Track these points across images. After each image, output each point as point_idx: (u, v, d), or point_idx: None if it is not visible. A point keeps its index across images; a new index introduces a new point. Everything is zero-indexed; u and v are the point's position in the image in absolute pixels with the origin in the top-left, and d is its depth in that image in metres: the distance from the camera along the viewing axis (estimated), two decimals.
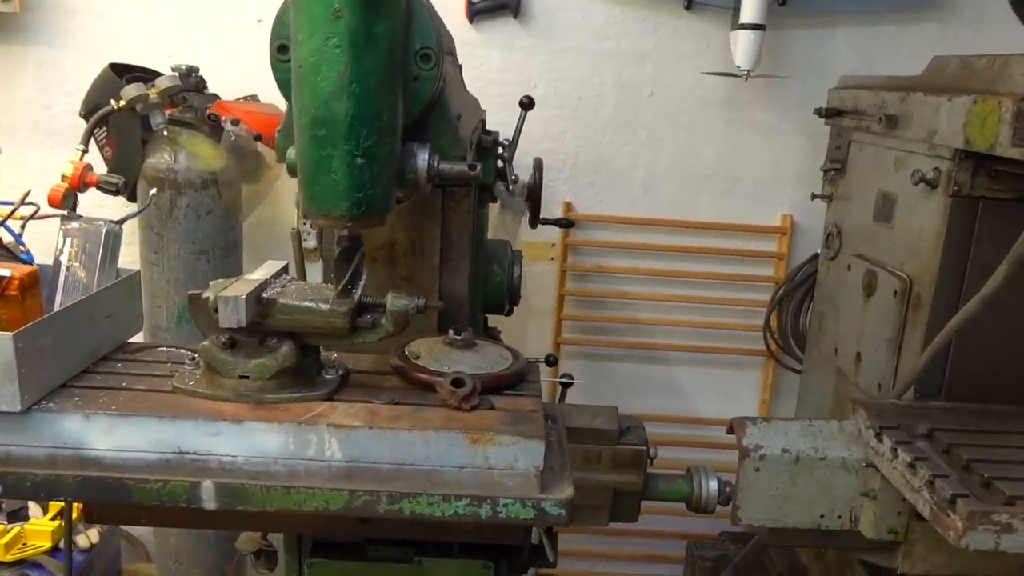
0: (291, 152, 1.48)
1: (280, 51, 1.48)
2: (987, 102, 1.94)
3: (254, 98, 3.05)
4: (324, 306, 1.58)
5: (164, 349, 1.88)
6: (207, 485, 1.48)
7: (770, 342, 3.26)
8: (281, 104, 1.60)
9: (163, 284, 2.90)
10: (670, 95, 3.32)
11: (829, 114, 2.84)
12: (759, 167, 3.40)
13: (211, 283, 1.65)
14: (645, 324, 3.56)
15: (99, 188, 2.69)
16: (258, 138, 2.83)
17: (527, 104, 2.26)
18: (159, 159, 2.85)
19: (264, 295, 1.59)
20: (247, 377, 1.58)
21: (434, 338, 1.87)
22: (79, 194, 2.62)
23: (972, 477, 1.74)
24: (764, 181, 3.41)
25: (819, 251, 3.06)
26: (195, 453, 1.52)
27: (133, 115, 2.78)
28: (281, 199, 3.37)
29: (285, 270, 1.76)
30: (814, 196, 2.90)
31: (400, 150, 1.44)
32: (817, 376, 2.97)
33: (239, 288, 1.56)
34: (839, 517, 2.10)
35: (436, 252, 2.05)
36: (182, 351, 1.85)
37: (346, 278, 1.54)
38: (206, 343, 1.60)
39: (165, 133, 2.81)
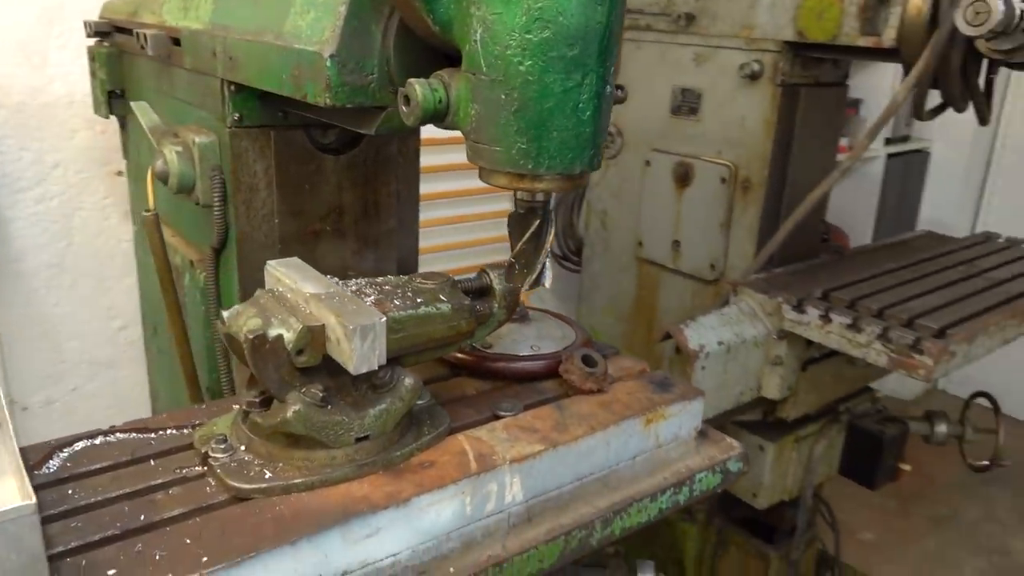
0: (437, 87, 0.96)
1: None
2: None
3: None
4: (444, 307, 1.13)
5: (86, 444, 1.13)
6: None
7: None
8: None
9: None
10: None
11: None
12: None
13: (232, 313, 1.05)
14: None
15: None
16: None
17: None
18: None
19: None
20: (366, 437, 1.06)
21: None
22: None
23: (892, 321, 2.06)
24: None
25: None
26: (346, 574, 0.99)
27: None
28: None
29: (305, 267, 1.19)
30: None
31: None
32: (607, 272, 3.11)
33: (344, 310, 1.01)
34: (751, 390, 2.31)
35: (393, 211, 1.59)
36: (146, 436, 1.15)
37: (541, 263, 1.11)
38: (297, 408, 1.01)
39: None
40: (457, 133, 1.02)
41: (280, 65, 1.12)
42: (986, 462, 2.70)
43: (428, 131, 1.38)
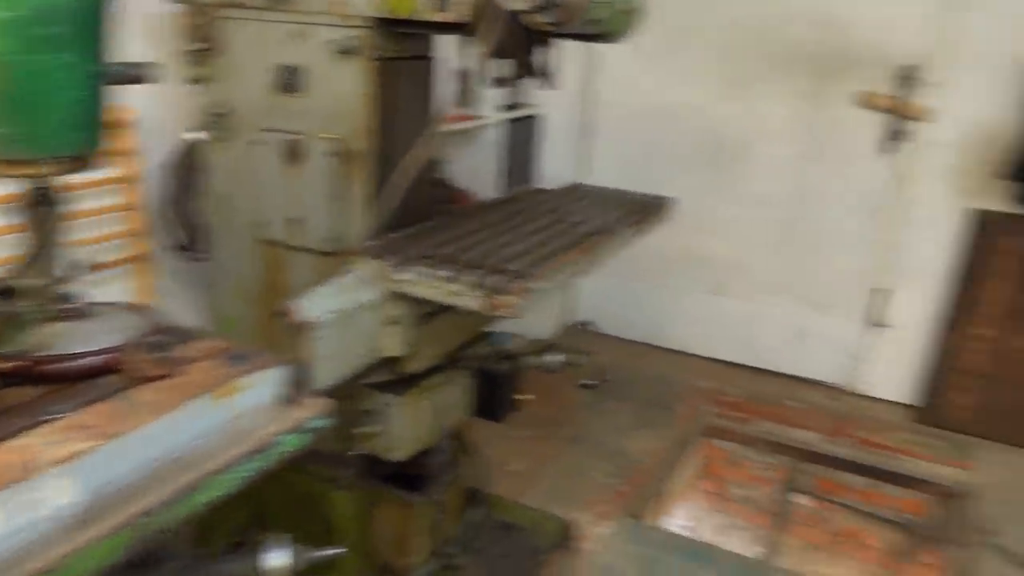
0: None
1: None
2: None
3: None
4: None
5: None
6: None
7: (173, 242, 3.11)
8: None
9: None
10: None
11: None
12: None
13: None
14: None
15: None
16: None
17: None
18: None
19: None
20: None
21: None
22: None
23: (486, 270, 2.29)
24: None
25: (194, 137, 3.02)
26: None
27: None
28: None
29: None
30: (195, 81, 2.81)
31: None
32: (232, 257, 3.03)
33: None
34: (372, 351, 2.43)
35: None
36: None
37: (55, 252, 1.04)
38: None
39: None
40: None
41: None
42: (594, 381, 3.16)
43: None
